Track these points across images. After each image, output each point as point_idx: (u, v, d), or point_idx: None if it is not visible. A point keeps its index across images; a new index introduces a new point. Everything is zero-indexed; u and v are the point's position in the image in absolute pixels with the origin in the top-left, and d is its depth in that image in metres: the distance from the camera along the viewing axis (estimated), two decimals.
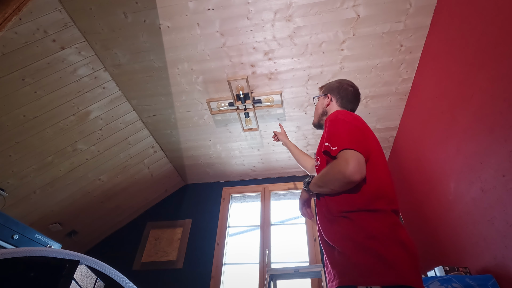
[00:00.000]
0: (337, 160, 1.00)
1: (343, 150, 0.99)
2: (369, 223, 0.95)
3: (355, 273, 0.89)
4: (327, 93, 1.43)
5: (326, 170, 1.06)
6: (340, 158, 0.99)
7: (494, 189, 1.46)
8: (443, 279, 1.44)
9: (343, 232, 0.98)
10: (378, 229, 0.93)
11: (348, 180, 0.96)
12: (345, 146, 1.00)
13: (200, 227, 3.27)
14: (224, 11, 2.09)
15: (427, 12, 2.05)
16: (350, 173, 0.95)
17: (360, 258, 0.90)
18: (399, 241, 0.91)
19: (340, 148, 1.00)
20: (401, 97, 2.59)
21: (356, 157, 0.97)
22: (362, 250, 0.91)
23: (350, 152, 0.98)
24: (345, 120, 1.12)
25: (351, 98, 1.38)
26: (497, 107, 1.42)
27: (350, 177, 0.95)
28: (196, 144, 3.15)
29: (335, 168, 1.00)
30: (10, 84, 2.00)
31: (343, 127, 1.09)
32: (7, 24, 1.04)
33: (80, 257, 0.74)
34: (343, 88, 1.39)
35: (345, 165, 0.96)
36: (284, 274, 2.30)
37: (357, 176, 0.95)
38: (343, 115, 1.15)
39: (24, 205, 2.55)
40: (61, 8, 1.97)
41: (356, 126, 1.11)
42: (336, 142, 1.03)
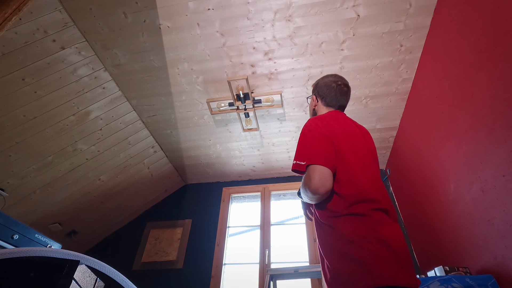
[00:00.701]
0: (304, 176, 1.04)
1: (308, 166, 1.03)
2: (348, 228, 0.96)
3: (340, 281, 0.91)
4: (313, 93, 1.43)
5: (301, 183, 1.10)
6: (306, 174, 1.03)
7: (494, 189, 1.46)
8: (443, 279, 1.45)
9: (326, 240, 1.01)
10: (356, 233, 0.93)
11: (313, 195, 1.00)
12: (309, 162, 1.03)
13: (200, 227, 3.27)
14: (224, 11, 2.09)
15: (427, 12, 2.05)
16: (314, 188, 0.98)
17: (341, 265, 0.92)
18: (380, 241, 0.90)
19: (307, 163, 1.03)
20: (401, 97, 2.59)
21: (319, 171, 0.99)
22: (342, 257, 0.93)
23: (312, 168, 1.01)
24: (311, 130, 1.12)
25: (335, 95, 1.34)
26: (497, 107, 1.42)
27: (314, 191, 0.98)
28: (196, 144, 3.15)
29: (303, 183, 1.05)
30: (10, 84, 2.00)
31: (307, 141, 1.10)
32: (7, 24, 1.04)
33: (80, 257, 0.74)
34: (326, 85, 1.36)
35: (309, 181, 1.00)
36: (284, 274, 2.29)
37: (321, 190, 0.98)
38: (310, 125, 1.15)
39: (24, 205, 2.55)
40: (61, 8, 1.97)
41: (323, 136, 1.10)
42: (304, 157, 1.06)
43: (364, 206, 0.98)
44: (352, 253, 0.91)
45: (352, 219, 0.97)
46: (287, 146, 3.15)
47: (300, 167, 1.05)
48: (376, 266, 0.86)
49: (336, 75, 1.40)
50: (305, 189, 1.03)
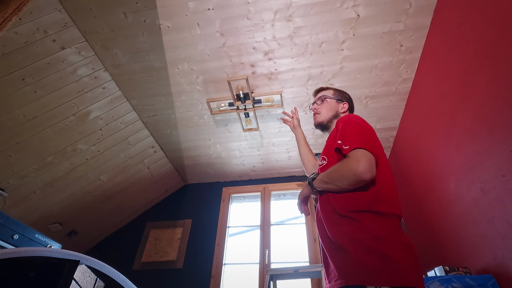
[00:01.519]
0: (348, 159, 1.02)
1: (355, 149, 1.02)
2: (374, 224, 0.96)
3: (364, 274, 0.89)
4: (344, 100, 1.49)
5: (335, 167, 1.07)
6: (351, 157, 1.01)
7: (494, 189, 1.46)
8: (443, 279, 1.44)
9: (349, 232, 0.99)
10: (382, 230, 0.95)
11: (359, 179, 0.98)
12: (357, 145, 1.02)
13: (200, 227, 3.27)
14: (224, 11, 2.09)
15: (427, 12, 2.05)
16: (361, 172, 0.97)
17: (367, 259, 0.91)
18: (402, 243, 0.93)
19: (352, 147, 1.03)
20: (401, 97, 2.59)
21: (368, 156, 0.99)
22: (369, 251, 0.92)
23: (361, 151, 1.00)
24: (359, 123, 1.17)
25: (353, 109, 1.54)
26: (497, 107, 1.42)
27: (360, 175, 0.97)
28: (196, 144, 3.15)
29: (345, 166, 1.02)
30: (10, 84, 2.00)
31: (356, 129, 1.13)
32: (7, 24, 1.04)
33: (80, 257, 0.74)
34: (351, 101, 1.53)
35: (356, 164, 0.98)
36: (284, 274, 2.30)
37: (367, 175, 0.97)
38: (357, 119, 1.20)
39: (24, 205, 2.55)
40: (61, 8, 1.97)
41: (369, 130, 1.15)
42: (349, 142, 1.06)
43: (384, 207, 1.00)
44: (379, 248, 0.91)
45: (375, 216, 0.98)
46: (287, 146, 3.15)
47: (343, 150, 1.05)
48: (404, 266, 0.87)
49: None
50: (344, 174, 1.01)
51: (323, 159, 1.25)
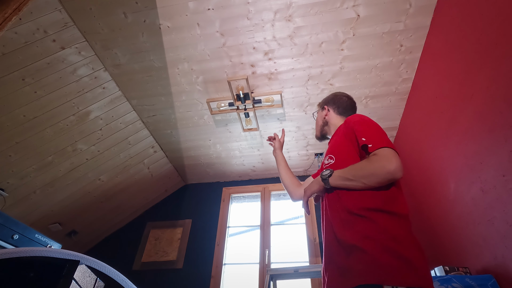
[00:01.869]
0: (377, 157, 1.02)
1: (383, 148, 1.03)
2: (389, 224, 0.97)
3: (381, 273, 0.89)
4: (323, 105, 1.52)
5: (361, 164, 1.07)
6: (381, 155, 1.02)
7: (494, 189, 1.46)
8: (443, 279, 1.44)
9: (364, 231, 0.98)
10: (398, 231, 0.96)
11: (391, 177, 0.99)
12: (384, 144, 1.03)
13: (200, 227, 3.27)
14: (224, 11, 2.09)
15: (427, 12, 2.05)
16: (394, 170, 0.98)
17: (385, 258, 0.91)
18: (416, 244, 0.95)
19: (378, 146, 1.04)
20: (401, 97, 2.59)
21: (397, 156, 1.01)
22: (386, 250, 0.92)
23: (390, 150, 1.02)
24: (372, 121, 1.18)
25: (346, 106, 1.46)
26: (497, 107, 1.42)
27: (394, 173, 0.98)
28: (196, 144, 3.15)
29: (376, 163, 1.02)
30: (10, 84, 2.00)
31: (375, 127, 1.14)
32: (7, 24, 1.04)
33: (80, 257, 0.74)
34: (338, 98, 1.49)
35: (389, 162, 0.99)
36: (284, 274, 2.29)
37: (400, 173, 0.99)
38: (365, 117, 1.21)
39: (24, 205, 2.55)
40: (61, 8, 1.97)
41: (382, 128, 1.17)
42: (371, 140, 1.07)
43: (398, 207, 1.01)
44: (396, 248, 0.91)
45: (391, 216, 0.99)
46: (287, 146, 3.15)
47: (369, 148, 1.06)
48: (420, 267, 0.89)
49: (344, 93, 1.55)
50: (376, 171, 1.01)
51: (329, 158, 1.24)
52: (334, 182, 1.11)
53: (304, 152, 3.21)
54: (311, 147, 3.14)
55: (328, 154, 1.27)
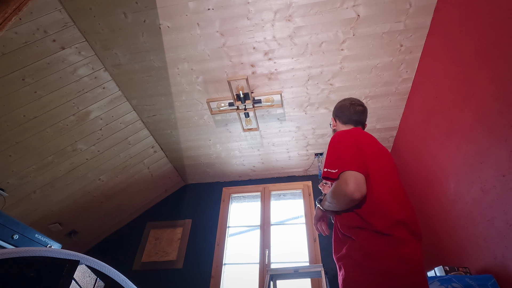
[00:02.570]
0: (339, 181, 1.06)
1: (343, 172, 1.05)
2: (367, 241, 1.00)
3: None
4: (332, 116, 1.54)
5: (331, 190, 1.12)
6: (341, 179, 1.05)
7: (494, 189, 1.46)
8: (443, 279, 1.44)
9: (346, 250, 1.05)
10: (374, 247, 0.98)
11: (349, 199, 1.02)
12: (343, 168, 1.06)
13: (200, 227, 3.27)
14: (224, 11, 2.09)
15: (427, 12, 2.05)
16: (350, 192, 1.00)
17: (357, 275, 0.96)
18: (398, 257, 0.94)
19: (340, 170, 1.06)
20: (401, 97, 2.59)
21: (354, 176, 1.02)
22: (359, 267, 0.97)
23: (347, 174, 1.04)
24: (340, 141, 1.18)
25: (349, 113, 1.43)
26: (497, 107, 1.42)
27: (350, 195, 1.00)
28: (196, 144, 3.15)
29: (337, 188, 1.07)
30: (10, 84, 2.00)
31: (339, 149, 1.15)
32: (7, 24, 1.04)
33: (80, 257, 0.74)
34: (341, 107, 1.48)
35: (345, 185, 1.02)
36: (284, 274, 2.30)
37: (357, 194, 1.00)
38: (339, 136, 1.21)
39: (24, 205, 2.55)
40: (61, 8, 1.97)
41: (352, 144, 1.15)
42: (335, 165, 1.09)
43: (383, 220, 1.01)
44: (369, 264, 0.95)
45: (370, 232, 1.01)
46: (287, 146, 3.15)
47: (331, 175, 1.09)
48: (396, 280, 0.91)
49: (352, 98, 1.52)
50: (338, 195, 1.06)
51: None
52: (324, 206, 1.22)
53: (304, 152, 3.21)
54: (311, 147, 3.14)
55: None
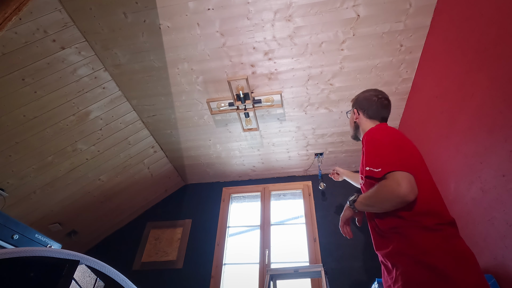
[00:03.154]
0: (387, 182, 1.00)
1: (391, 172, 1.00)
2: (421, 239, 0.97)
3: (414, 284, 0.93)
4: (354, 107, 1.47)
5: (374, 191, 1.06)
6: (390, 180, 0.99)
7: (494, 189, 1.46)
8: None
9: (396, 247, 1.01)
10: (428, 243, 0.96)
11: (402, 201, 0.97)
12: (392, 168, 1.00)
13: (200, 227, 3.27)
14: (224, 11, 2.09)
15: (427, 12, 2.05)
16: (404, 194, 0.95)
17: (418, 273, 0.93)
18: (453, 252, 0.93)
19: (386, 170, 1.01)
20: (401, 97, 2.59)
21: (407, 177, 0.98)
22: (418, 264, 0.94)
23: (399, 174, 0.98)
24: (381, 139, 1.13)
25: (376, 108, 1.38)
26: (497, 107, 1.42)
27: (404, 197, 0.96)
28: (196, 144, 3.15)
29: (385, 189, 1.00)
30: (10, 84, 2.00)
31: (380, 147, 1.10)
32: (7, 24, 1.04)
33: (80, 257, 0.74)
34: (366, 99, 1.41)
35: (397, 187, 0.96)
36: (284, 274, 2.30)
37: (411, 196, 0.96)
38: (378, 135, 1.16)
39: (24, 205, 2.55)
40: (61, 8, 1.97)
41: (394, 143, 1.12)
42: (379, 164, 1.04)
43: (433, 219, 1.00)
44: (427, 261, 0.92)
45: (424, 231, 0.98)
46: (287, 146, 3.15)
47: (374, 174, 1.04)
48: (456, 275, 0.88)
49: (376, 89, 1.45)
50: (387, 196, 1.00)
51: (361, 178, 1.27)
52: (358, 207, 1.17)
53: (304, 152, 3.21)
54: (311, 147, 3.14)
55: (360, 173, 1.29)
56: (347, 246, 2.81)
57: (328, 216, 3.07)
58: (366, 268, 2.65)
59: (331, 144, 3.09)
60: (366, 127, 1.37)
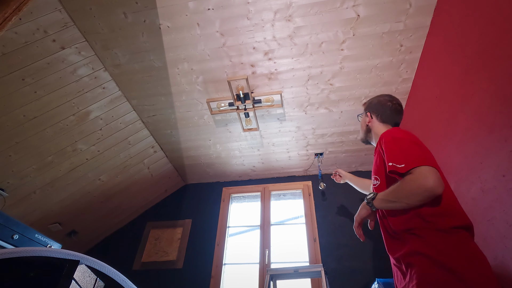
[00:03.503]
0: (413, 176, 1.01)
1: (418, 167, 1.01)
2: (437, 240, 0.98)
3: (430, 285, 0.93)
4: (367, 111, 1.50)
5: (399, 185, 1.06)
6: (417, 174, 1.00)
7: (494, 189, 1.46)
8: None
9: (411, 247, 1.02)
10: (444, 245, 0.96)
11: (431, 194, 0.98)
12: (417, 164, 1.01)
13: (200, 227, 3.27)
14: (224, 11, 2.09)
15: (427, 12, 2.05)
16: (432, 187, 0.97)
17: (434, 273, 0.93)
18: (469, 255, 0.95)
19: (411, 166, 1.02)
20: (401, 97, 2.59)
21: (433, 171, 0.99)
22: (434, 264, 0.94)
23: (425, 168, 1.00)
24: (402, 137, 1.15)
25: (390, 112, 1.42)
26: (497, 107, 1.42)
27: (432, 190, 0.97)
28: (196, 144, 3.15)
29: (412, 183, 1.01)
30: (10, 84, 2.00)
31: (403, 144, 1.12)
32: (7, 24, 1.04)
33: (80, 257, 0.74)
34: (380, 104, 1.44)
35: (425, 180, 0.98)
36: (284, 274, 2.29)
37: (440, 189, 0.97)
38: (399, 134, 1.18)
39: (24, 205, 2.55)
40: (61, 8, 1.97)
41: (416, 142, 1.14)
42: (402, 160, 1.05)
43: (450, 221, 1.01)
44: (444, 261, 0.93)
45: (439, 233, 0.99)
46: (287, 146, 3.15)
47: (398, 169, 1.04)
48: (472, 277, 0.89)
49: (390, 95, 1.49)
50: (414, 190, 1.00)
51: (375, 179, 1.27)
52: (378, 204, 1.15)
53: (304, 152, 3.21)
54: (311, 147, 3.14)
55: (374, 174, 1.30)
56: (347, 246, 2.81)
57: (328, 216, 3.07)
58: (366, 268, 2.65)
59: (331, 144, 3.09)
60: (378, 130, 1.40)
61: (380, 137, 1.24)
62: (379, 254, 2.70)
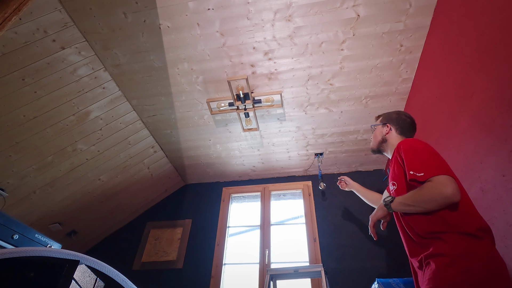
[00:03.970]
0: (433, 184, 1.08)
1: (437, 176, 1.08)
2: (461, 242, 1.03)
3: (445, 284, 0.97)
4: (386, 122, 1.56)
5: (419, 191, 1.13)
6: (435, 182, 1.08)
7: (494, 189, 1.46)
8: None
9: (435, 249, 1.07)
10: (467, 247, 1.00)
11: (449, 201, 1.06)
12: (435, 173, 1.09)
13: (200, 227, 3.27)
14: (224, 11, 2.09)
15: (427, 12, 2.05)
16: (450, 195, 1.04)
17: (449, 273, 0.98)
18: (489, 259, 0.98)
19: (430, 175, 1.09)
20: (401, 97, 2.59)
21: (451, 180, 1.07)
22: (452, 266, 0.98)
23: (444, 177, 1.08)
24: (422, 148, 1.23)
25: (408, 128, 1.53)
26: (497, 107, 1.42)
27: (451, 197, 1.04)
28: (196, 144, 3.15)
29: (432, 190, 1.08)
30: (10, 84, 2.00)
31: (422, 154, 1.19)
32: (7, 24, 1.04)
33: (80, 257, 0.74)
34: (402, 119, 1.54)
35: (444, 188, 1.05)
36: (284, 274, 2.29)
37: (457, 197, 1.04)
38: (418, 144, 1.25)
39: (24, 205, 2.55)
40: (61, 8, 1.97)
41: (433, 152, 1.22)
42: (422, 169, 1.12)
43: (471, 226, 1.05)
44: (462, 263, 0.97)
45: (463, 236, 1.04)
46: (287, 146, 3.15)
47: (418, 178, 1.11)
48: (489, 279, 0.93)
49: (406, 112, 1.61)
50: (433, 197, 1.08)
51: (393, 184, 1.34)
52: (396, 207, 1.22)
53: (304, 152, 3.21)
54: (311, 147, 3.14)
55: (392, 180, 1.37)
56: (347, 246, 2.81)
57: (328, 216, 3.07)
58: (366, 268, 2.65)
59: (331, 144, 3.09)
60: (395, 141, 1.48)
61: (398, 145, 1.32)
62: (379, 254, 2.70)
